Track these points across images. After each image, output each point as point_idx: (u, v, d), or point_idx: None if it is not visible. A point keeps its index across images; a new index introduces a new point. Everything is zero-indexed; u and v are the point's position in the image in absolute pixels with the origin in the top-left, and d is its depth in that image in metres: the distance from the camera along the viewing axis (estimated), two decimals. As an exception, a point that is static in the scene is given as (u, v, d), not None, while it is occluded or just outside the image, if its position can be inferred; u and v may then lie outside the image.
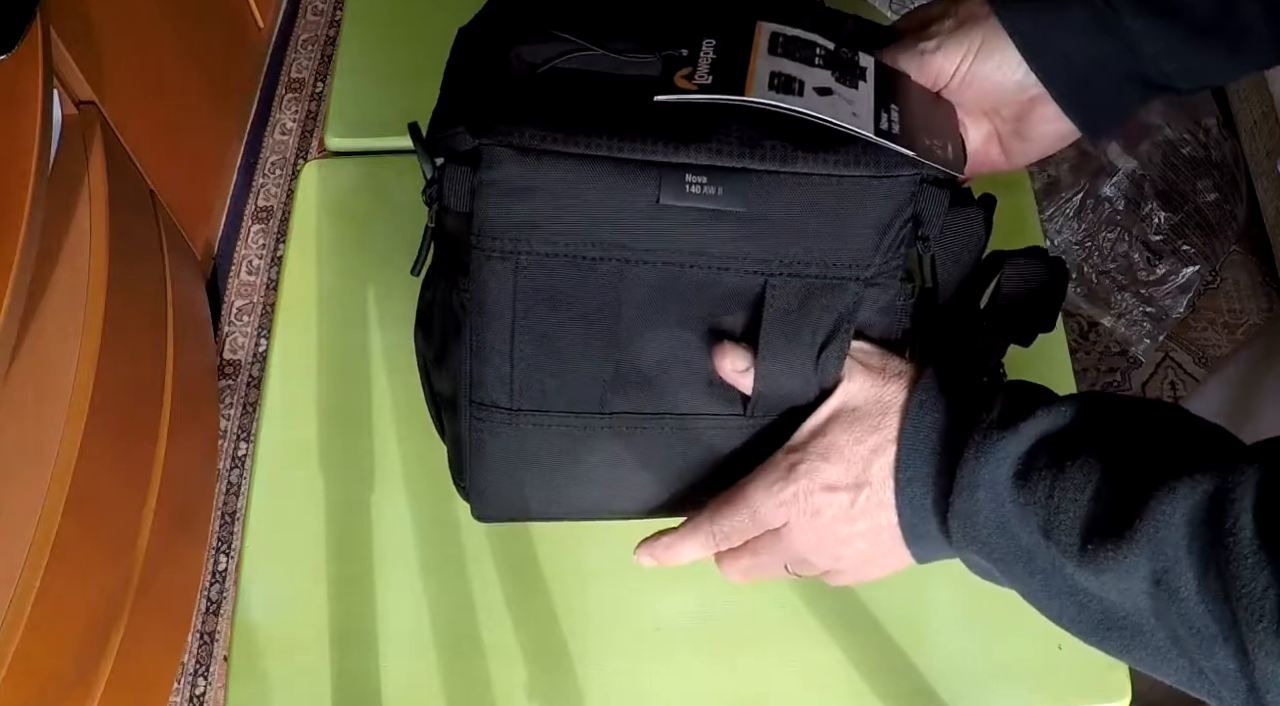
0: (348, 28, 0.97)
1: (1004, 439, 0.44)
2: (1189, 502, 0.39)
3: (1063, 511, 0.42)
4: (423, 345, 0.61)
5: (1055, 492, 0.42)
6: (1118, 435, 0.43)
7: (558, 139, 0.47)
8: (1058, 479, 0.42)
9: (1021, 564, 0.44)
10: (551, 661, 0.68)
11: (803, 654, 0.67)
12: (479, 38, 0.54)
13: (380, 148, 0.89)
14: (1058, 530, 0.42)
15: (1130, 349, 1.55)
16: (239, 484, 1.48)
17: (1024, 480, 0.43)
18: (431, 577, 0.70)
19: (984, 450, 0.44)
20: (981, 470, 0.44)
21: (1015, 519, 0.44)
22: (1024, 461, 0.44)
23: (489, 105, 0.49)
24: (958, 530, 0.46)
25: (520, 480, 0.56)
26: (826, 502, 0.49)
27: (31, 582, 0.98)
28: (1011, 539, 0.44)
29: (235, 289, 1.64)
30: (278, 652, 0.69)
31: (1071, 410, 0.45)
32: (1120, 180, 1.56)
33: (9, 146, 0.93)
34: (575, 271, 0.50)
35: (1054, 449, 0.43)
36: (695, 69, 0.49)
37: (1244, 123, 1.61)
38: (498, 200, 0.49)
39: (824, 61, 0.50)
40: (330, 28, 1.90)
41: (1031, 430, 0.44)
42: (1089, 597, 0.43)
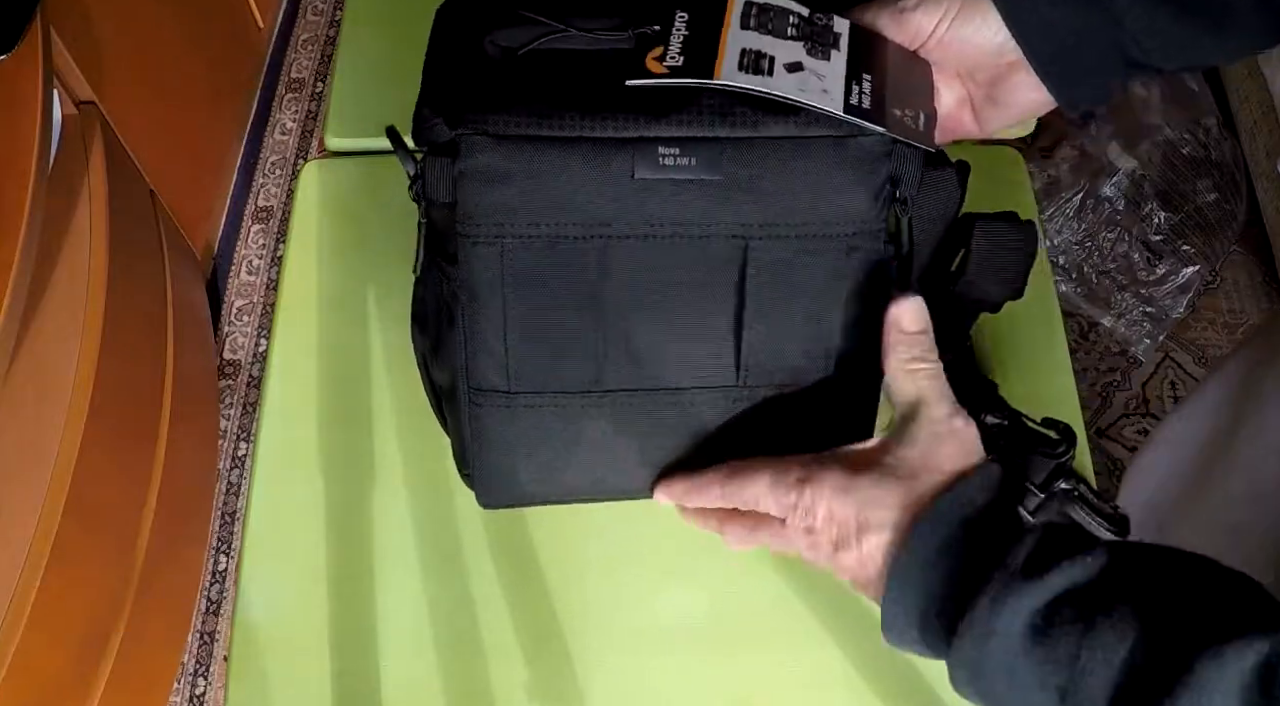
0: (348, 28, 0.97)
1: (1027, 590, 0.41)
2: (1237, 669, 0.36)
3: (1091, 674, 0.39)
4: (419, 340, 0.62)
5: (1083, 653, 0.39)
6: (1151, 593, 0.40)
7: (532, 123, 0.49)
8: (1085, 638, 0.39)
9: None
10: (551, 660, 0.68)
11: (803, 654, 0.67)
12: (455, 22, 0.55)
13: (380, 148, 0.89)
14: (1081, 694, 0.39)
15: (1130, 349, 1.55)
16: (239, 484, 1.48)
17: (1043, 636, 0.40)
18: (431, 577, 0.70)
19: (1003, 599, 0.41)
20: (997, 619, 0.41)
21: (1029, 674, 0.40)
22: (1045, 615, 0.41)
23: (465, 94, 0.50)
24: (959, 673, 0.43)
25: (522, 463, 0.57)
26: (822, 526, 0.48)
27: (31, 582, 0.98)
28: (1022, 694, 0.41)
29: (235, 289, 1.64)
30: (278, 652, 0.69)
31: (1100, 561, 0.41)
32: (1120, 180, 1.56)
33: (9, 146, 0.93)
34: (559, 251, 0.51)
35: (1081, 603, 0.40)
36: (667, 48, 0.50)
37: (1244, 123, 1.61)
38: (478, 187, 0.50)
39: (796, 31, 0.50)
40: (330, 28, 1.90)
41: (1058, 582, 0.41)
42: None
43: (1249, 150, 1.60)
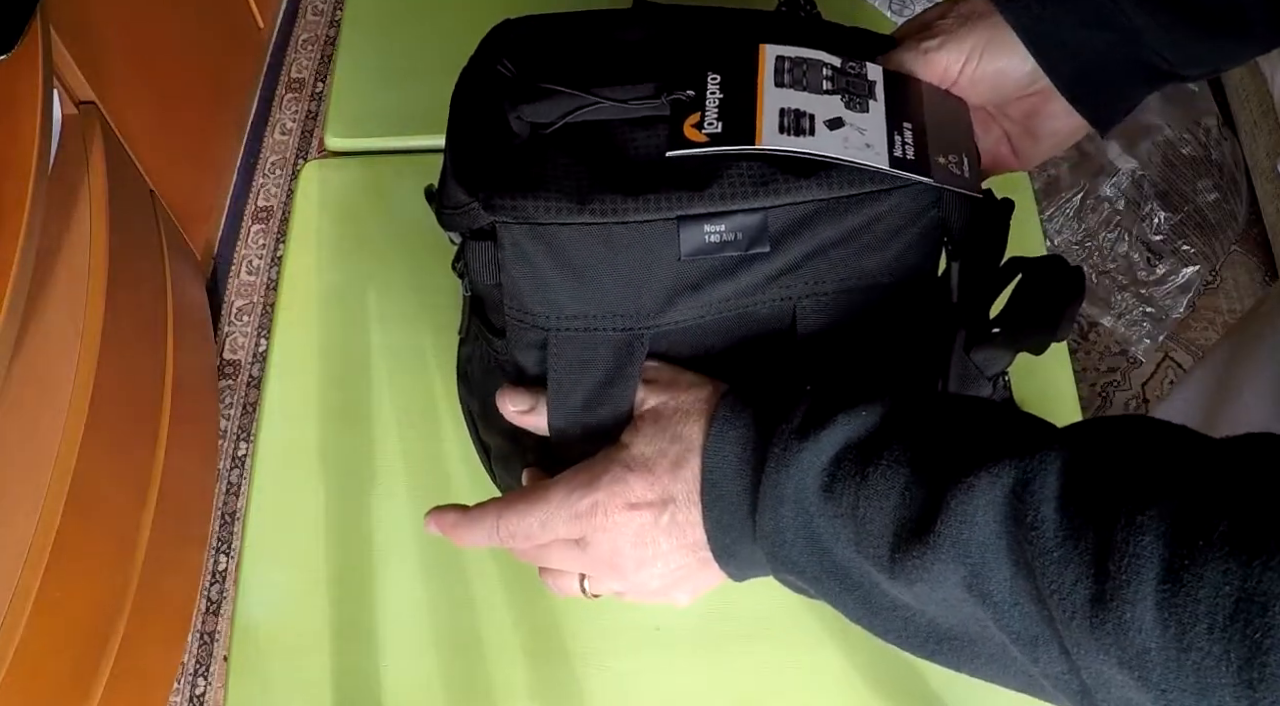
0: (348, 28, 0.97)
1: (804, 449, 0.41)
2: (988, 498, 0.37)
3: (869, 521, 0.39)
4: (466, 397, 0.62)
5: (860, 502, 0.40)
6: (923, 435, 0.40)
7: (568, 210, 0.46)
8: (861, 487, 0.40)
9: (836, 581, 0.42)
10: (551, 661, 0.68)
11: (803, 654, 0.67)
12: (476, 92, 0.53)
13: (380, 148, 0.89)
14: (867, 542, 0.39)
15: (1130, 349, 1.55)
16: (239, 484, 1.48)
17: (829, 492, 0.41)
18: (431, 577, 0.70)
19: (784, 462, 0.41)
20: (785, 484, 0.41)
21: (825, 534, 0.41)
22: (829, 472, 0.41)
23: (496, 176, 0.48)
24: (767, 549, 0.43)
25: None
26: (627, 520, 0.46)
27: (31, 582, 0.98)
28: (823, 555, 0.41)
29: (235, 289, 1.64)
30: (278, 652, 0.69)
31: (875, 413, 0.42)
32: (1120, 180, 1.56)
33: (9, 146, 0.93)
34: (608, 341, 0.50)
35: (858, 456, 0.41)
36: (704, 113, 0.48)
37: (1244, 123, 1.61)
38: (520, 273, 0.48)
39: (831, 84, 0.49)
40: (330, 28, 1.90)
41: (834, 437, 0.41)
42: (910, 612, 0.40)
43: (1249, 150, 1.60)
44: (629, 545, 0.46)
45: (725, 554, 0.45)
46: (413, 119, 0.89)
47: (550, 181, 0.47)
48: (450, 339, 0.78)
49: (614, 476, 0.46)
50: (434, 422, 0.75)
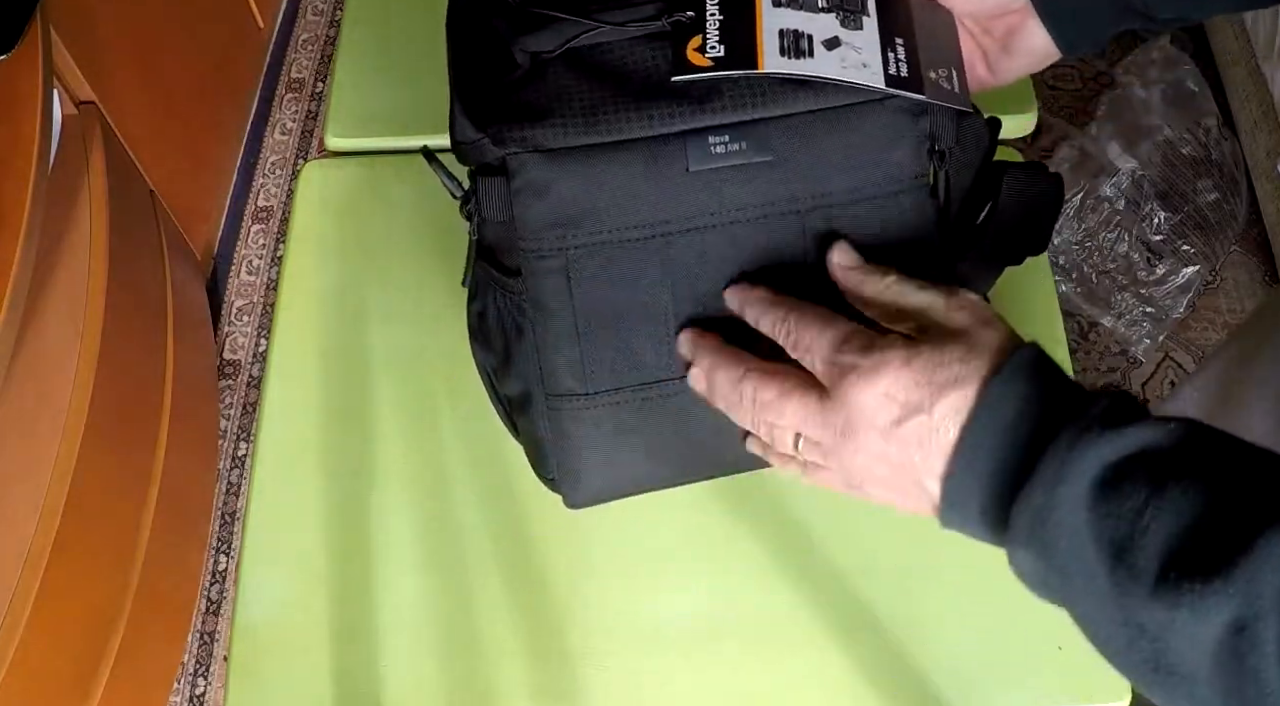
0: (348, 28, 0.97)
1: (1105, 439, 0.40)
2: None
3: (1151, 533, 0.38)
4: (482, 356, 0.62)
5: (1148, 511, 0.38)
6: (1224, 469, 0.39)
7: (578, 131, 0.49)
8: (1153, 498, 0.38)
9: (1082, 578, 0.40)
10: (551, 661, 0.68)
11: (803, 654, 0.67)
12: (473, 14, 0.54)
13: (380, 148, 0.89)
14: (1137, 552, 0.38)
15: (1130, 349, 1.55)
16: (239, 484, 1.48)
17: (1112, 489, 0.39)
18: (431, 577, 0.70)
19: (1081, 446, 0.40)
20: (1071, 467, 0.40)
21: (1089, 527, 0.39)
22: (1118, 469, 0.40)
23: (504, 108, 0.50)
24: (1022, 523, 0.41)
25: (604, 460, 0.58)
26: (874, 405, 0.44)
27: (31, 582, 0.98)
28: (1079, 548, 0.40)
29: (235, 289, 1.64)
30: (278, 652, 0.69)
31: (1180, 430, 0.40)
32: (1120, 180, 1.56)
33: (9, 146, 0.93)
34: (624, 253, 0.51)
35: (1154, 465, 0.39)
36: (705, 36, 0.50)
37: (1244, 123, 1.61)
38: (534, 203, 0.50)
39: (826, 1, 0.51)
40: (330, 28, 1.90)
41: (1136, 438, 0.40)
42: (1144, 632, 0.39)
43: (1249, 150, 1.60)
44: (861, 426, 0.45)
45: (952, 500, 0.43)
46: (413, 119, 0.89)
47: (556, 107, 0.49)
48: (450, 338, 0.78)
49: (883, 356, 0.44)
50: (434, 422, 0.75)
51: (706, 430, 0.57)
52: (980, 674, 0.67)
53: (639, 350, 0.54)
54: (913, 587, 0.69)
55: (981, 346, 0.44)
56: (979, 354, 0.43)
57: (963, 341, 0.44)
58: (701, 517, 0.69)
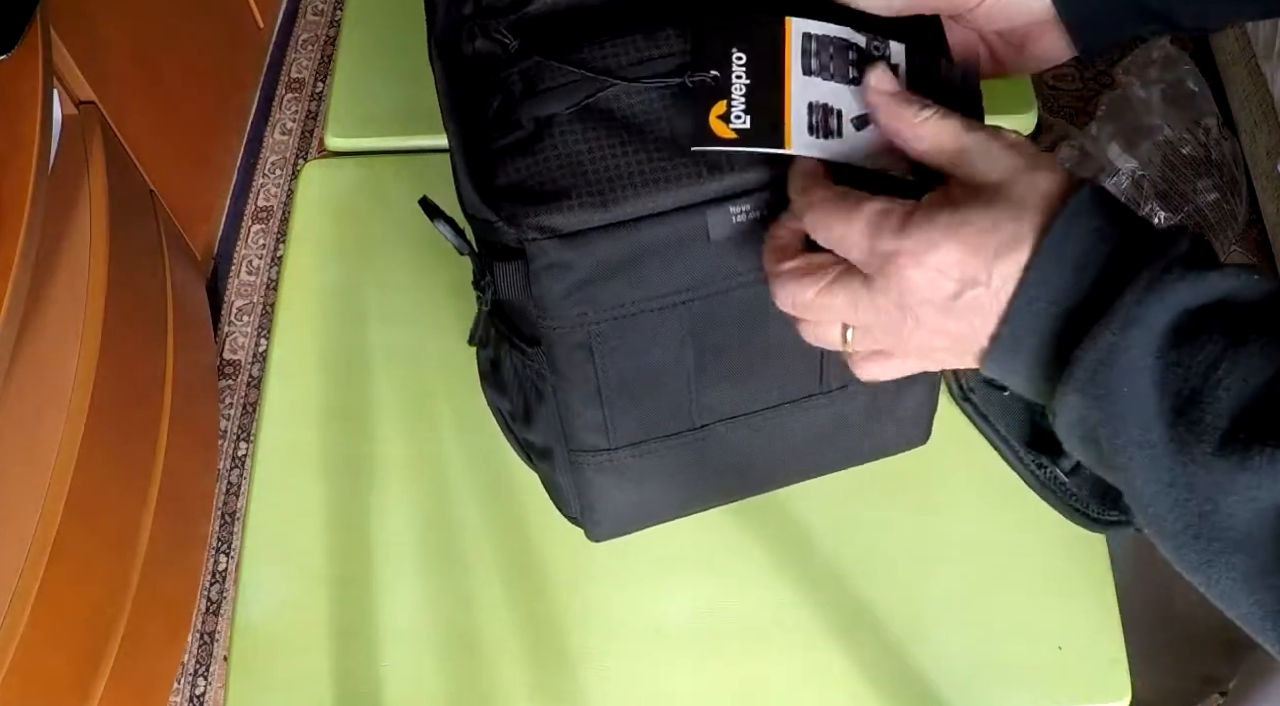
0: (348, 28, 0.97)
1: (1186, 281, 0.37)
2: None
3: (1223, 387, 0.35)
4: (495, 398, 0.63)
5: (1223, 364, 0.35)
6: None
7: (595, 212, 0.47)
8: (1230, 350, 0.36)
9: (1138, 429, 0.37)
10: (551, 661, 0.68)
11: (803, 654, 0.67)
12: (469, 59, 0.51)
13: (380, 148, 0.89)
14: (1204, 407, 0.36)
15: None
16: (239, 484, 1.48)
17: (1186, 338, 0.36)
18: (431, 577, 0.70)
19: (1160, 286, 0.37)
20: (1149, 308, 0.37)
21: (1155, 375, 0.37)
22: (1195, 317, 0.37)
23: (513, 185, 0.47)
24: (1085, 365, 0.38)
25: (626, 501, 0.59)
26: (927, 283, 0.41)
27: (31, 582, 0.98)
28: (1141, 396, 0.37)
29: (235, 289, 1.64)
30: (278, 652, 0.69)
31: (1266, 284, 0.37)
32: (1120, 180, 1.56)
33: (9, 146, 0.93)
34: (646, 322, 0.50)
35: (1235, 316, 0.36)
36: (730, 103, 0.47)
37: (1244, 123, 1.61)
38: (554, 285, 0.48)
39: (857, 70, 0.48)
40: (330, 28, 1.90)
41: (1220, 284, 0.37)
42: (1195, 494, 0.36)
43: (1249, 150, 1.60)
44: (917, 308, 0.42)
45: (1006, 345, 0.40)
46: (413, 119, 0.89)
47: (570, 184, 0.47)
48: (450, 339, 0.78)
49: (926, 236, 0.41)
50: (434, 422, 0.75)
51: (728, 463, 0.58)
52: (980, 674, 0.66)
53: (662, 406, 0.54)
54: (913, 587, 0.69)
55: (1034, 194, 0.40)
56: (1032, 204, 0.40)
57: (1012, 194, 0.41)
58: (702, 518, 0.69)
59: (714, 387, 0.54)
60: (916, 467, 0.71)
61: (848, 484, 0.71)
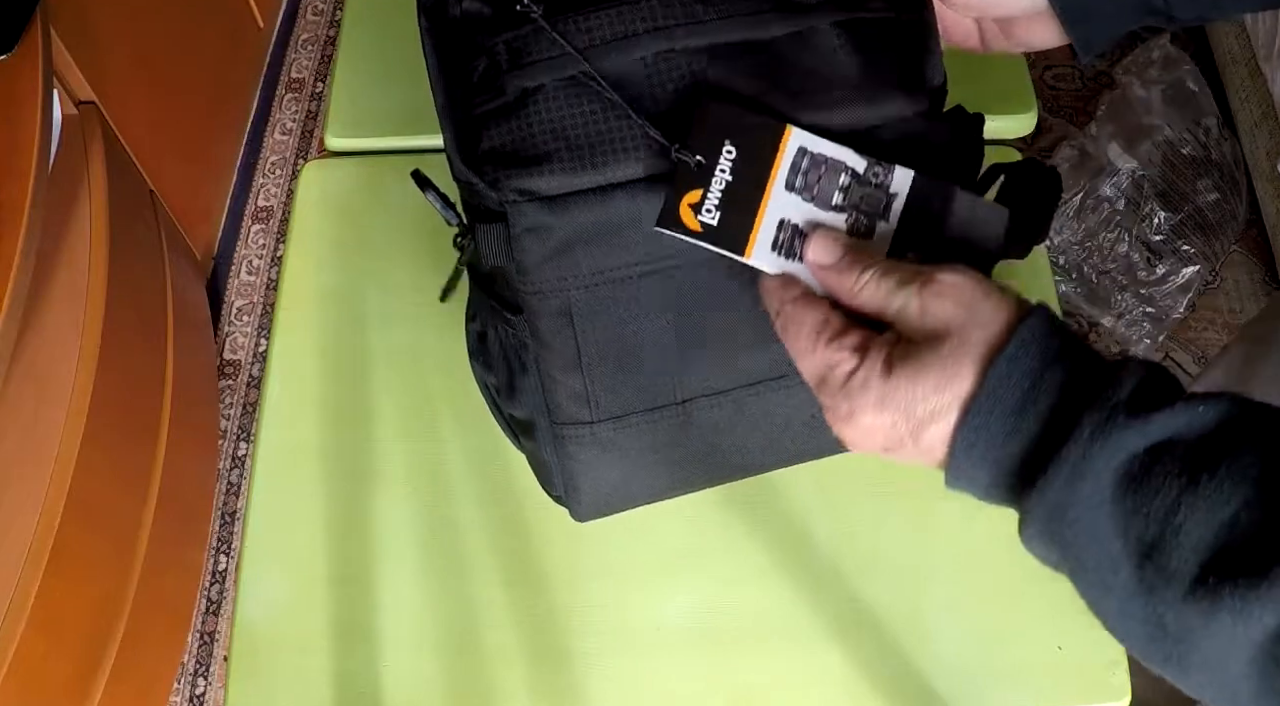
0: (348, 28, 0.97)
1: (1130, 428, 0.36)
2: None
3: (1185, 533, 0.35)
4: (483, 373, 0.62)
5: (1181, 508, 0.35)
6: (1270, 453, 0.36)
7: (576, 176, 0.47)
8: (1187, 492, 0.35)
9: (1102, 573, 0.37)
10: (551, 661, 0.68)
11: (803, 654, 0.67)
12: (454, 25, 0.52)
13: (380, 148, 0.89)
14: (1169, 552, 0.35)
15: (1130, 349, 1.55)
16: (239, 484, 1.48)
17: (1138, 483, 0.36)
18: (431, 577, 0.70)
19: (1103, 436, 0.36)
20: (1094, 460, 0.36)
21: (1114, 523, 0.36)
22: (1145, 461, 0.36)
23: (497, 149, 0.48)
24: (1037, 518, 0.38)
25: (611, 479, 0.58)
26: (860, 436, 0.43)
27: (31, 582, 0.98)
28: (1100, 545, 0.37)
29: (235, 289, 1.64)
30: (278, 652, 0.69)
31: (1214, 412, 0.37)
32: (1120, 180, 1.56)
33: (9, 146, 0.93)
34: (626, 289, 0.51)
35: (1187, 455, 0.36)
36: (705, 195, 0.47)
37: (1244, 123, 1.61)
38: (534, 247, 0.49)
39: (843, 197, 0.47)
40: (330, 28, 1.90)
41: (1165, 425, 0.36)
42: (1167, 633, 0.36)
43: (1249, 150, 1.60)
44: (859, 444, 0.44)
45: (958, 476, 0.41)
46: (413, 119, 0.89)
47: (553, 149, 0.47)
48: (450, 339, 0.78)
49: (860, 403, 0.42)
50: (434, 422, 0.75)
51: (711, 442, 0.57)
52: (980, 674, 0.67)
53: (644, 378, 0.54)
54: (913, 587, 0.69)
55: (964, 347, 0.40)
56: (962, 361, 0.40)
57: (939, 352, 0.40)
58: (701, 518, 0.69)
59: (696, 361, 0.54)
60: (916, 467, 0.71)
61: (848, 483, 0.71)
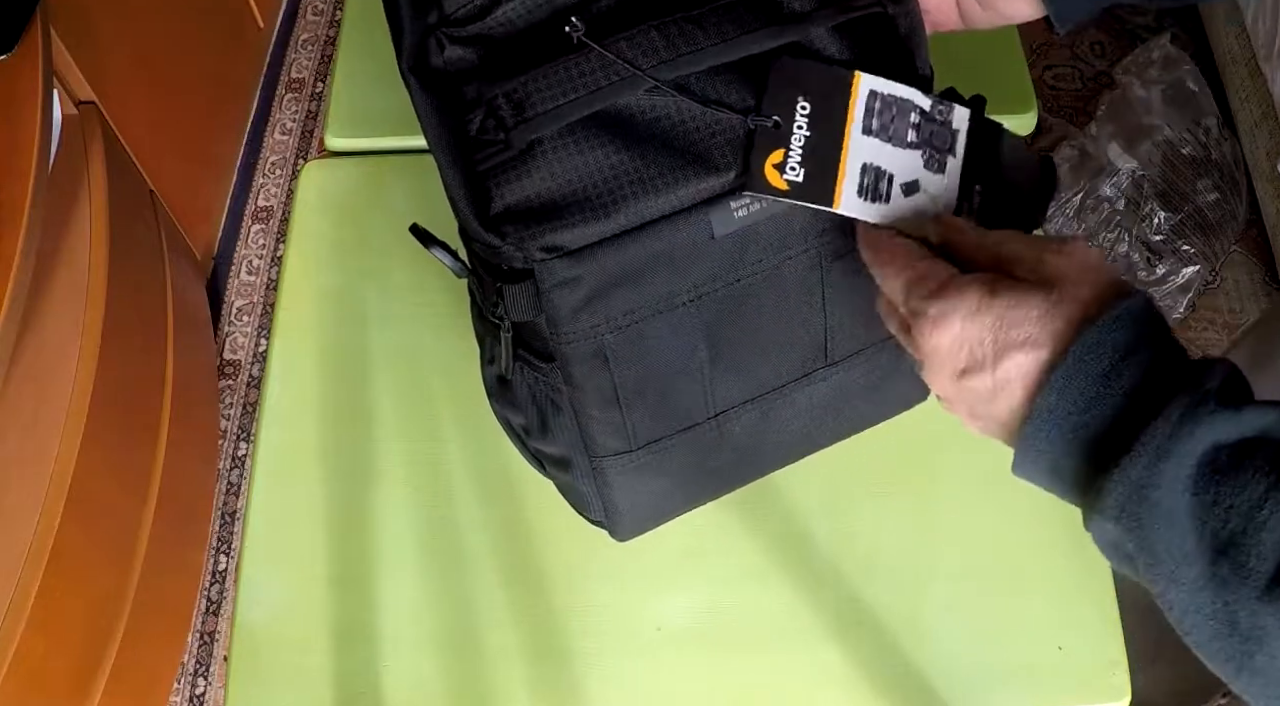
0: (348, 28, 0.97)
1: (1220, 415, 0.35)
2: None
3: (1268, 530, 0.34)
4: (506, 412, 0.62)
5: (1268, 505, 0.34)
6: None
7: (600, 225, 0.47)
8: (1275, 490, 0.34)
9: (1175, 564, 0.36)
10: (551, 661, 0.68)
11: (803, 654, 0.67)
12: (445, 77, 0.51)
13: (380, 148, 0.89)
14: (1248, 549, 0.34)
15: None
16: (239, 484, 1.48)
17: (1225, 475, 0.35)
18: (431, 577, 0.70)
19: (1192, 419, 0.35)
20: (1180, 442, 0.35)
21: (1192, 514, 0.35)
22: (1233, 453, 0.35)
23: (515, 206, 0.47)
24: (1116, 496, 0.37)
25: (649, 499, 0.59)
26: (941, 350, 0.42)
27: (31, 582, 0.98)
28: (1176, 534, 0.36)
29: (235, 289, 1.64)
30: (278, 652, 0.69)
31: None
32: (1120, 180, 1.56)
33: (9, 146, 0.93)
34: (657, 324, 0.51)
35: (1277, 454, 0.35)
36: (788, 152, 0.47)
37: (1244, 123, 1.61)
38: (564, 300, 0.48)
39: (916, 134, 0.48)
40: (330, 28, 1.90)
41: (1256, 420, 0.36)
42: (1237, 630, 0.35)
43: (1249, 150, 1.60)
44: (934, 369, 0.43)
45: (1028, 453, 0.39)
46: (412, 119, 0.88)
47: (572, 199, 0.46)
48: (450, 339, 0.78)
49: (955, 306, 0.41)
50: (434, 422, 0.75)
51: (748, 445, 0.58)
52: (980, 674, 0.66)
53: (679, 402, 0.54)
54: (913, 588, 0.69)
55: (1069, 301, 0.39)
56: (1062, 310, 0.39)
57: (1048, 294, 0.39)
58: (702, 518, 0.69)
59: (727, 377, 0.55)
60: (917, 467, 0.71)
61: (848, 483, 0.71)
